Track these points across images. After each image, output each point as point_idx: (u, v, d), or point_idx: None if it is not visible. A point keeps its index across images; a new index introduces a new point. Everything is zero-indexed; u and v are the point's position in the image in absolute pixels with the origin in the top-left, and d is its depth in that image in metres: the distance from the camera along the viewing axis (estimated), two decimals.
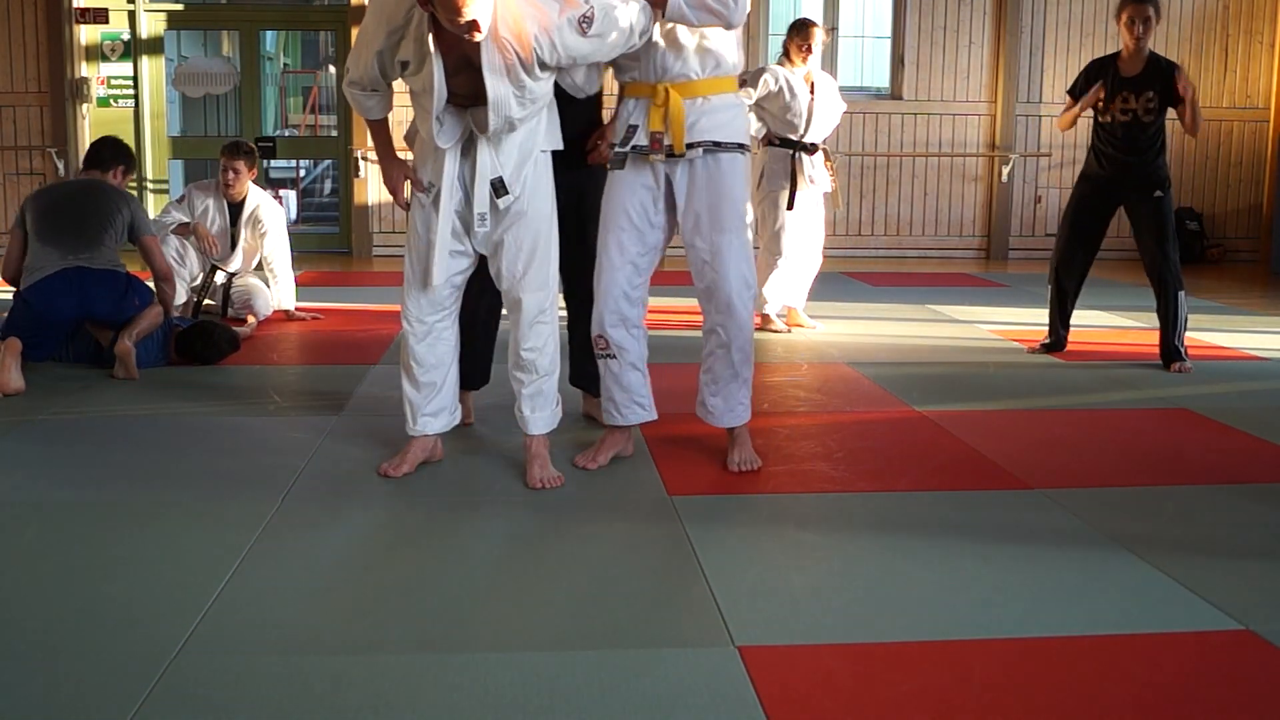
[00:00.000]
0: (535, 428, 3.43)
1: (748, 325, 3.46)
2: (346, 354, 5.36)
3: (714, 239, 3.35)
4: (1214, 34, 10.27)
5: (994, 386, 4.86)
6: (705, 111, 3.28)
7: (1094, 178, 5.30)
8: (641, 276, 3.47)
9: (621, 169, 3.39)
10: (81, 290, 4.75)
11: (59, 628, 2.39)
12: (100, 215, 4.95)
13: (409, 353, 3.43)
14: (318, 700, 2.10)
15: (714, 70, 3.29)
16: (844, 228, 10.06)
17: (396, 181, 3.38)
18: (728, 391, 3.49)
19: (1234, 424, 4.21)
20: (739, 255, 3.37)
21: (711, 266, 3.38)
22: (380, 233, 9.88)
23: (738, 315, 3.40)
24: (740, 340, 3.45)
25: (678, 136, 3.27)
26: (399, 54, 3.12)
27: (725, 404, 3.51)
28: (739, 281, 3.38)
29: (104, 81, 9.73)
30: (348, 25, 9.68)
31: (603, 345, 3.49)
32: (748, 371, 3.52)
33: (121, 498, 3.27)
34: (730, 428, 3.55)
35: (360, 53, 3.20)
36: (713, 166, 3.31)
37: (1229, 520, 3.19)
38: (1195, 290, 6.72)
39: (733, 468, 3.52)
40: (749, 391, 3.55)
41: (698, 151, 3.29)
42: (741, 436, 3.58)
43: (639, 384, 3.54)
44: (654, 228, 3.43)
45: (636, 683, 2.17)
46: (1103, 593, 2.65)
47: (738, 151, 3.35)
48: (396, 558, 2.88)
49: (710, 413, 3.54)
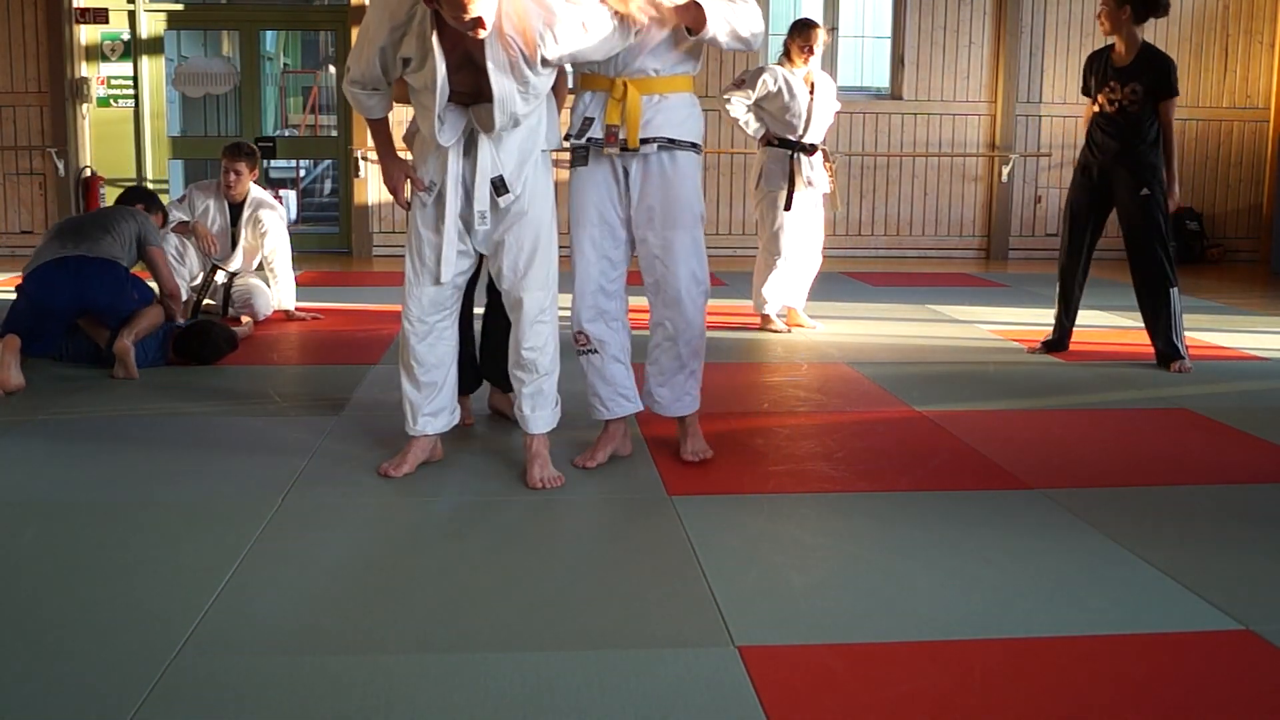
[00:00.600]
0: (535, 427, 3.43)
1: (696, 321, 3.48)
2: (346, 354, 5.36)
3: (665, 235, 3.37)
4: (1214, 34, 10.27)
5: (994, 386, 4.86)
6: (661, 109, 3.30)
7: (1086, 166, 5.33)
8: (616, 270, 3.48)
9: (584, 165, 3.41)
10: (78, 278, 4.73)
11: (59, 628, 2.39)
12: (103, 221, 5.00)
13: (409, 352, 3.43)
14: (318, 700, 2.10)
15: (673, 69, 3.32)
16: (844, 228, 10.06)
17: (397, 180, 3.38)
18: (674, 382, 3.53)
19: (1234, 424, 4.21)
20: (689, 251, 3.40)
21: (662, 261, 3.40)
22: (380, 233, 9.88)
23: (685, 310, 3.43)
24: (688, 334, 3.48)
25: (632, 131, 3.29)
26: (401, 50, 3.13)
27: (672, 394, 3.55)
28: (688, 278, 3.41)
29: (104, 81, 9.73)
30: (348, 25, 9.69)
31: (583, 341, 3.52)
32: (695, 364, 3.55)
33: (121, 498, 3.27)
34: (679, 417, 3.59)
35: (362, 50, 3.19)
36: (667, 164, 3.34)
37: (1229, 520, 3.19)
38: (1195, 290, 6.72)
39: (686, 457, 3.57)
40: (697, 383, 3.58)
41: (652, 147, 3.31)
42: (692, 426, 3.61)
43: (622, 376, 3.55)
44: (621, 221, 3.45)
45: (636, 683, 2.17)
46: (1103, 593, 2.65)
47: (691, 150, 3.38)
48: (396, 558, 2.88)
49: (658, 403, 3.57)
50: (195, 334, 5.03)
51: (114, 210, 5.21)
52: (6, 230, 9.72)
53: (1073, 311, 5.50)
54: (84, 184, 9.60)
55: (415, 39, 3.08)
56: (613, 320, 3.51)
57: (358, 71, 3.22)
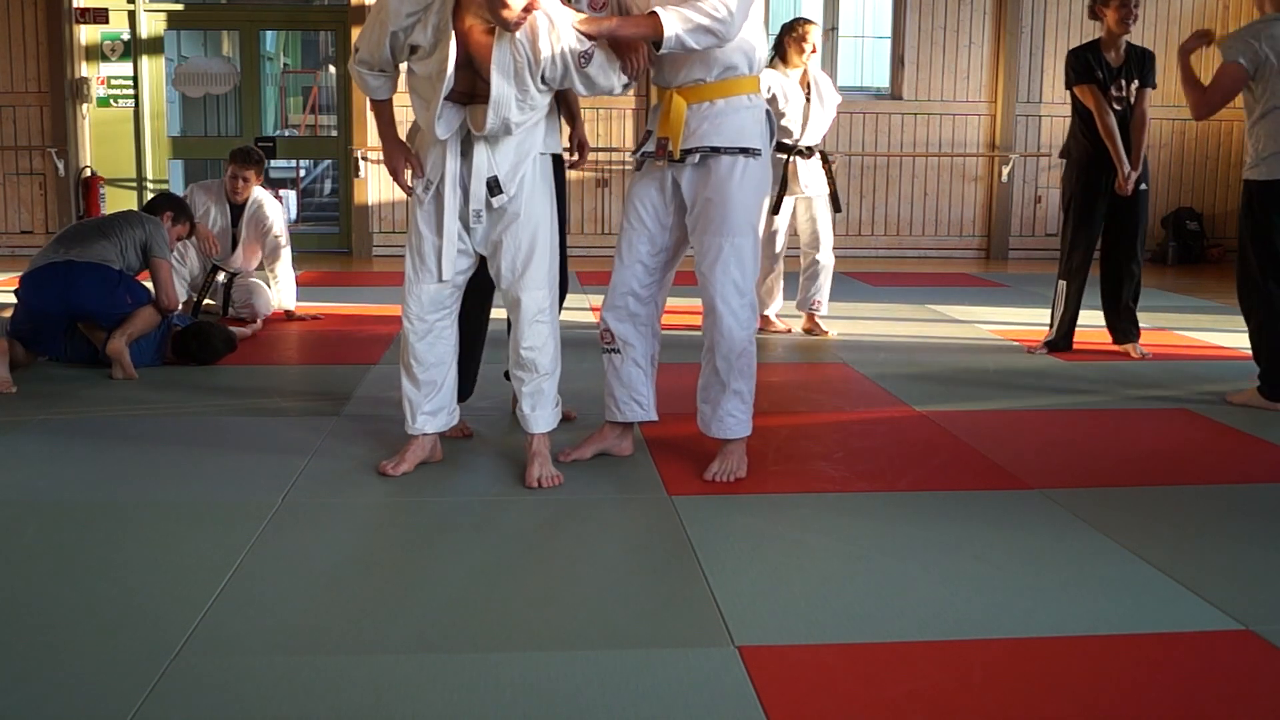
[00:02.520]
0: (536, 426, 3.44)
1: (736, 334, 3.34)
2: (346, 354, 5.36)
3: (705, 240, 3.34)
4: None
5: (994, 386, 4.86)
6: (709, 116, 3.26)
7: (1093, 160, 5.30)
8: (652, 276, 3.47)
9: (639, 171, 3.46)
10: (66, 282, 4.72)
11: (59, 628, 2.39)
12: (104, 226, 5.00)
13: (409, 351, 3.44)
14: (318, 700, 2.10)
15: (724, 73, 3.27)
16: (844, 228, 10.05)
17: (397, 162, 3.40)
18: (716, 400, 3.43)
19: (1234, 424, 4.21)
20: (728, 258, 3.30)
21: (700, 269, 3.37)
22: (380, 233, 9.88)
23: (721, 321, 3.33)
24: (724, 348, 3.35)
25: (675, 142, 3.28)
26: (412, 36, 3.15)
27: (712, 412, 3.44)
28: (726, 286, 3.32)
29: (104, 81, 9.73)
30: (348, 25, 9.69)
31: (607, 339, 3.51)
32: (739, 384, 3.40)
33: (121, 498, 3.27)
34: (720, 438, 3.46)
35: (373, 31, 3.20)
36: (712, 170, 3.30)
37: (1229, 520, 3.19)
38: (1195, 290, 6.73)
39: (707, 476, 3.42)
40: (744, 406, 3.43)
41: (695, 157, 3.29)
42: (729, 450, 3.45)
43: (640, 381, 3.54)
44: (665, 229, 3.44)
45: (636, 683, 2.17)
46: (1103, 593, 2.65)
47: (740, 155, 3.29)
48: (396, 558, 2.88)
49: (700, 418, 3.49)
50: (193, 335, 5.02)
51: (121, 215, 5.17)
52: (6, 230, 9.72)
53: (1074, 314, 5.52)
54: (84, 184, 9.60)
55: (429, 27, 3.10)
56: (642, 325, 3.50)
57: (366, 52, 3.24)
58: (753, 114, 3.34)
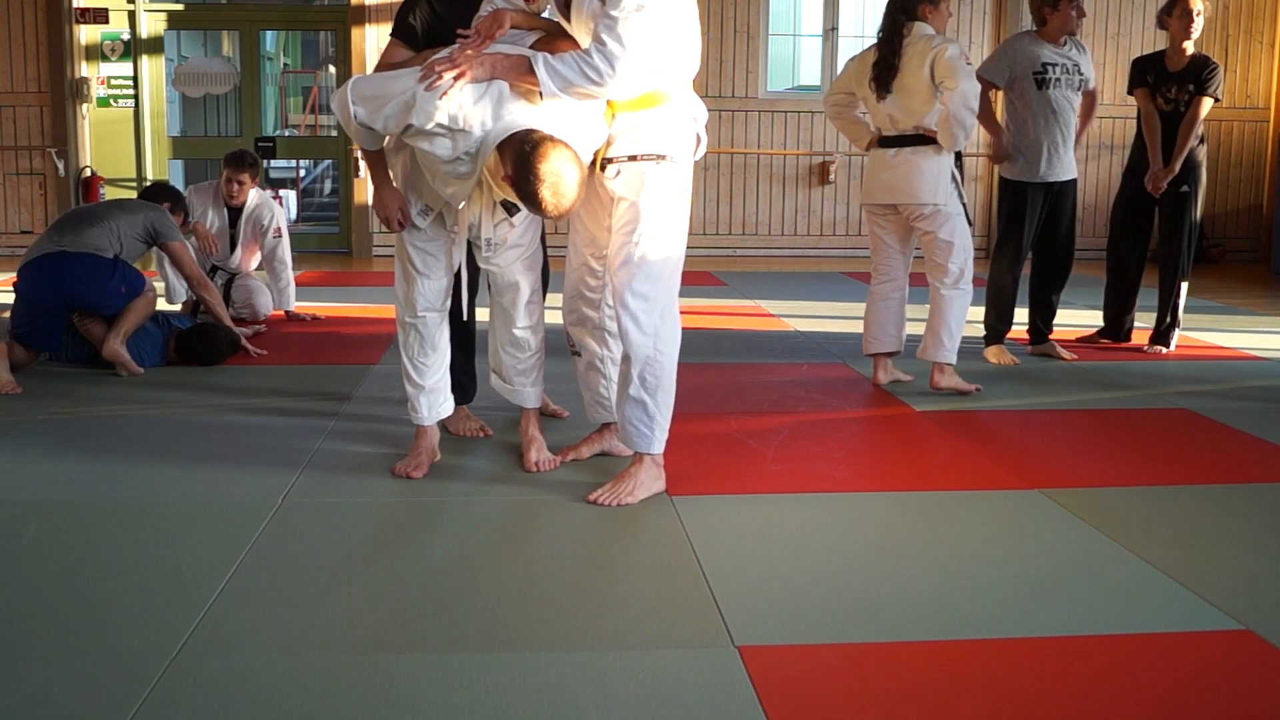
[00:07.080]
0: (530, 400, 3.56)
1: (636, 340, 3.17)
2: (346, 354, 5.36)
3: (615, 243, 3.24)
4: (1214, 34, 10.26)
5: (995, 386, 4.85)
6: (629, 126, 3.20)
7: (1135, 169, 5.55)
8: (598, 279, 3.44)
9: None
10: (59, 273, 4.71)
11: (59, 628, 2.39)
12: (97, 213, 4.98)
13: (406, 349, 3.49)
14: (318, 700, 2.10)
15: (643, 88, 3.14)
16: (843, 228, 10.06)
17: (390, 210, 3.32)
18: (621, 404, 3.29)
19: (1234, 424, 4.21)
20: (634, 264, 3.17)
21: (608, 273, 3.31)
22: (380, 233, 9.87)
23: (622, 324, 3.19)
24: (633, 355, 3.19)
25: (602, 150, 3.23)
26: (434, 145, 3.06)
27: (619, 415, 3.32)
28: (625, 291, 3.17)
29: (104, 81, 9.72)
30: (348, 25, 9.68)
31: (569, 342, 3.56)
32: (649, 398, 3.21)
33: (121, 498, 3.28)
34: (632, 448, 3.30)
35: (382, 106, 3.05)
36: (628, 176, 3.22)
37: (1229, 520, 3.19)
38: (1195, 290, 6.72)
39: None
40: (646, 417, 3.22)
41: (615, 166, 3.24)
42: (630, 471, 3.26)
43: (599, 384, 3.54)
44: (607, 231, 3.33)
45: (636, 683, 2.17)
46: (1103, 593, 2.65)
47: (654, 161, 3.18)
48: (397, 557, 2.88)
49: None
50: (198, 336, 5.02)
51: (116, 203, 5.17)
52: (6, 230, 9.72)
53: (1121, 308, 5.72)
54: (84, 184, 9.60)
55: (458, 151, 3.04)
56: (594, 328, 3.49)
57: (365, 115, 3.10)
58: (671, 120, 3.21)
